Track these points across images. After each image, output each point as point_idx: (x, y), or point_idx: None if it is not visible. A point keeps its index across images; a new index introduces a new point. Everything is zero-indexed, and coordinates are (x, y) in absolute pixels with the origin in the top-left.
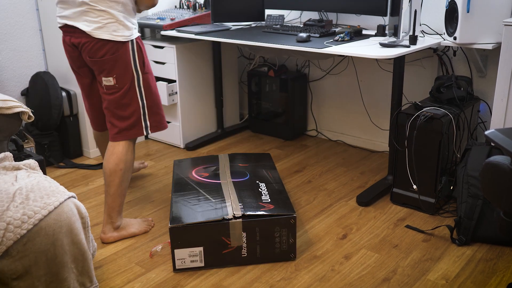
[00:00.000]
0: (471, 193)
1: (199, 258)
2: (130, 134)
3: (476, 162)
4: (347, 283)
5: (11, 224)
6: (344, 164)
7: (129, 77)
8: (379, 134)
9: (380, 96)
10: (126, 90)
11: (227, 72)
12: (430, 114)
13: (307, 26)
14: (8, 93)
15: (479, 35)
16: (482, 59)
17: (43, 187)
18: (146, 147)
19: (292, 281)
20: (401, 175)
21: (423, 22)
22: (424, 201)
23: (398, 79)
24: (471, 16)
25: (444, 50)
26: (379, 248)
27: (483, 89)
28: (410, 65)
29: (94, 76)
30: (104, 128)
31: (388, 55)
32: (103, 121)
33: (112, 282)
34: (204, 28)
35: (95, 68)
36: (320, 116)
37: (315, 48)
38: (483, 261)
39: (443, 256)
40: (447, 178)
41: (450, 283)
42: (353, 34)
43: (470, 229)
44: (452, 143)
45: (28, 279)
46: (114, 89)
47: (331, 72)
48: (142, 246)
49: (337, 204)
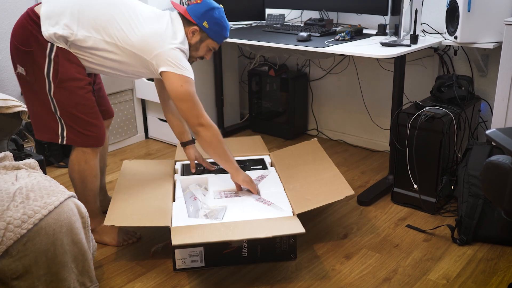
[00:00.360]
0: (472, 192)
1: (199, 258)
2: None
3: (477, 162)
4: (348, 283)
5: (11, 224)
6: (345, 163)
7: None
8: (380, 134)
9: (381, 95)
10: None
11: (227, 72)
12: (431, 114)
13: (308, 26)
14: (8, 93)
15: (480, 34)
16: (483, 58)
17: (43, 187)
18: (147, 146)
19: (292, 281)
20: (402, 174)
21: (424, 21)
22: (425, 201)
23: (399, 78)
24: (472, 15)
25: (445, 50)
26: (380, 247)
27: (484, 89)
28: (411, 64)
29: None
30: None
31: (389, 54)
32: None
33: (113, 281)
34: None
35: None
36: (320, 116)
37: (316, 48)
38: (484, 260)
39: (444, 256)
40: (448, 178)
41: (451, 282)
42: (354, 34)
43: (471, 228)
44: (453, 142)
45: (28, 279)
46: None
47: (332, 71)
48: (142, 245)
49: (338, 204)
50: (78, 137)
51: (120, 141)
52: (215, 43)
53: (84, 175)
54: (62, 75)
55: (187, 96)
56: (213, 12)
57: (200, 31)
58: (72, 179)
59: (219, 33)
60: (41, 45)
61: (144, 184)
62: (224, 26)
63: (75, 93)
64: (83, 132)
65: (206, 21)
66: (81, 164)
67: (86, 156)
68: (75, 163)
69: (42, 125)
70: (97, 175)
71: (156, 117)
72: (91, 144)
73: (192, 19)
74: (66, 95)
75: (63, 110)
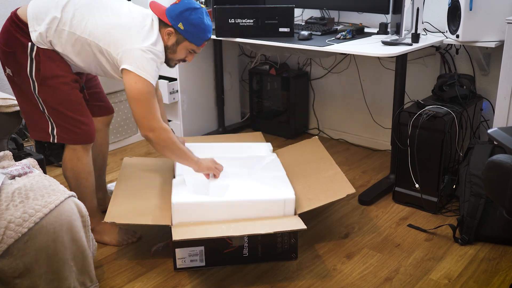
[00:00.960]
0: (473, 192)
1: (199, 257)
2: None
3: (478, 161)
4: (349, 283)
5: (12, 223)
6: (346, 163)
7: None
8: (381, 133)
9: (382, 94)
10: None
11: (228, 71)
12: (433, 113)
13: (309, 24)
14: (8, 92)
15: (482, 33)
16: (485, 57)
17: (43, 186)
18: (147, 145)
19: (294, 281)
20: (403, 174)
21: (426, 20)
22: (427, 200)
23: (400, 77)
24: (473, 14)
25: (446, 48)
26: (381, 247)
27: (486, 87)
28: (412, 63)
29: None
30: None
31: (390, 53)
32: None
33: (113, 281)
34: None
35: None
36: (321, 115)
37: (317, 46)
38: (486, 260)
39: (446, 256)
40: (449, 177)
41: (452, 282)
42: (355, 32)
43: (473, 228)
44: (454, 141)
45: (30, 277)
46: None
47: (333, 70)
48: (142, 245)
49: (339, 203)
50: (66, 135)
51: (120, 140)
52: (193, 45)
53: (77, 172)
54: (44, 73)
55: (140, 95)
56: (190, 13)
57: (176, 33)
58: (66, 178)
59: (196, 35)
60: (22, 45)
61: (144, 182)
62: (202, 28)
63: (59, 90)
64: (71, 129)
65: (181, 23)
66: (73, 161)
67: (77, 153)
68: (67, 161)
69: (34, 124)
70: (90, 172)
71: None
72: (81, 141)
73: (167, 21)
74: (51, 92)
75: (50, 108)
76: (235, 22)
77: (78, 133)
